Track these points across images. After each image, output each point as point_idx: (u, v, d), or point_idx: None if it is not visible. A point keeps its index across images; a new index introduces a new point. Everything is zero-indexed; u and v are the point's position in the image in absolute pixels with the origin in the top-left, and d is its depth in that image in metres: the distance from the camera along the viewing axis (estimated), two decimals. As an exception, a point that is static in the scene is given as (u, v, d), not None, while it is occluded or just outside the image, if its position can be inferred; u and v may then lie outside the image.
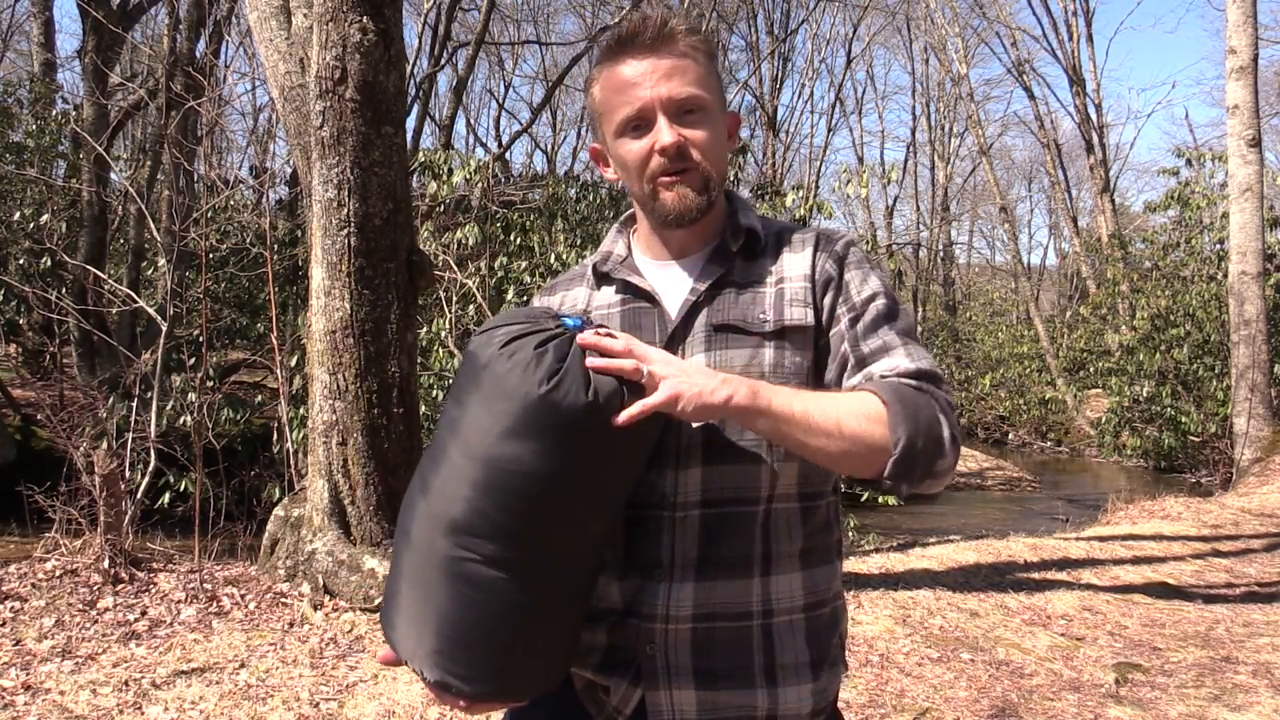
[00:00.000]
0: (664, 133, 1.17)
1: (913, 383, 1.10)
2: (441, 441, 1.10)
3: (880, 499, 7.03)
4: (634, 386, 1.04)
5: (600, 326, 1.11)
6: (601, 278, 1.30)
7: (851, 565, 5.09)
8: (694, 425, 1.15)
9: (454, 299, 7.16)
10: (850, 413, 1.06)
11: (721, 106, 1.24)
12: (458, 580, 1.05)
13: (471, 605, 1.05)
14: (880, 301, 1.18)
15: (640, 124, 1.19)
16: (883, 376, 1.12)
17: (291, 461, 5.51)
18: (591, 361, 1.03)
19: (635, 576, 1.18)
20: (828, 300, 1.20)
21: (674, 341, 1.20)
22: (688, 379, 1.04)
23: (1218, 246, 13.95)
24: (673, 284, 1.25)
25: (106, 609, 3.86)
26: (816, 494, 1.22)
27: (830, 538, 1.25)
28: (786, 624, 1.19)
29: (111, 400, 7.38)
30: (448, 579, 1.06)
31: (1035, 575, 5.18)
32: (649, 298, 1.24)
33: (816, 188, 25.87)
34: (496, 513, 1.03)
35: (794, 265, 1.23)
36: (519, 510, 1.03)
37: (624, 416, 1.02)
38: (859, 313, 1.18)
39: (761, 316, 1.19)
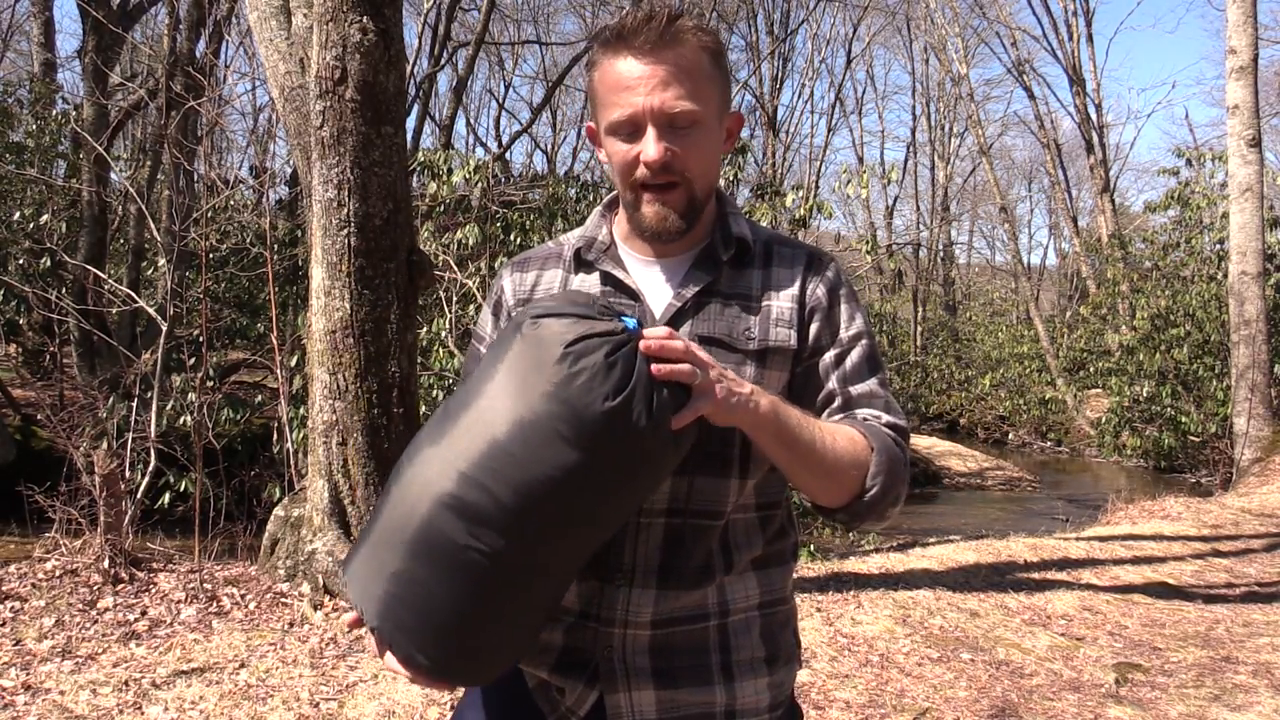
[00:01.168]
0: (650, 146, 1.13)
1: (892, 434, 1.17)
2: (465, 407, 1.03)
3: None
4: (682, 387, 1.02)
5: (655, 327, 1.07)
6: (581, 264, 1.27)
7: (851, 565, 5.09)
8: None
9: (454, 299, 7.16)
10: (844, 451, 1.12)
11: (721, 111, 1.20)
12: (450, 564, 1.00)
13: (454, 588, 1.01)
14: (865, 343, 1.22)
15: (630, 130, 1.15)
16: (865, 421, 1.18)
17: (291, 461, 5.50)
18: (657, 368, 1.00)
19: (593, 579, 1.18)
20: (814, 328, 1.21)
21: None
22: (729, 383, 1.04)
23: (1218, 246, 13.95)
24: (657, 283, 1.23)
25: (106, 609, 3.86)
26: (773, 504, 1.25)
27: (786, 542, 1.28)
28: (742, 621, 1.21)
29: (111, 400, 7.37)
30: (437, 558, 1.01)
31: (1035, 575, 5.18)
32: (632, 294, 1.22)
33: (816, 188, 25.86)
34: (512, 507, 0.98)
35: (782, 284, 1.22)
36: (539, 511, 0.99)
37: (679, 421, 1.00)
38: (845, 350, 1.21)
39: (747, 334, 1.19)
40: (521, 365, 1.01)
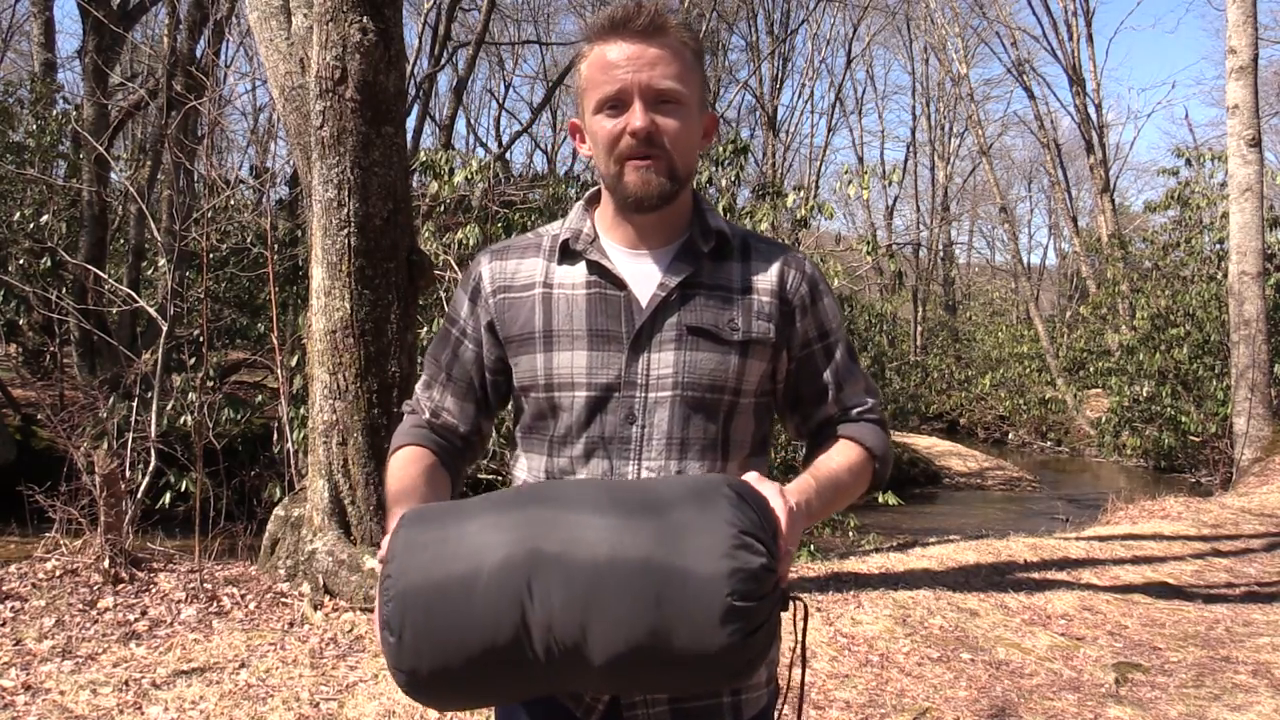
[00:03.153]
0: (637, 116, 1.20)
1: (874, 418, 1.34)
2: (642, 510, 1.04)
3: (880, 499, 7.16)
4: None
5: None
6: (567, 254, 1.30)
7: (851, 565, 5.09)
8: (646, 462, 1.24)
9: (454, 299, 7.13)
10: (856, 476, 1.29)
11: (700, 105, 1.27)
12: (495, 612, 1.00)
13: (482, 631, 1.01)
14: (844, 333, 1.36)
15: (617, 104, 1.22)
16: (858, 411, 1.34)
17: (291, 461, 5.50)
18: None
19: None
20: (801, 324, 1.30)
21: (643, 335, 1.23)
22: (796, 545, 1.12)
23: (1218, 246, 13.94)
24: (641, 273, 1.27)
25: (106, 609, 3.86)
26: None
27: None
28: None
29: (111, 400, 7.37)
30: (493, 598, 1.00)
31: (1035, 575, 5.18)
32: (619, 283, 1.26)
33: (817, 188, 25.87)
34: (581, 618, 1.00)
35: (762, 278, 1.29)
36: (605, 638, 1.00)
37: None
38: (831, 343, 1.33)
39: (732, 325, 1.25)
40: (696, 536, 1.01)
